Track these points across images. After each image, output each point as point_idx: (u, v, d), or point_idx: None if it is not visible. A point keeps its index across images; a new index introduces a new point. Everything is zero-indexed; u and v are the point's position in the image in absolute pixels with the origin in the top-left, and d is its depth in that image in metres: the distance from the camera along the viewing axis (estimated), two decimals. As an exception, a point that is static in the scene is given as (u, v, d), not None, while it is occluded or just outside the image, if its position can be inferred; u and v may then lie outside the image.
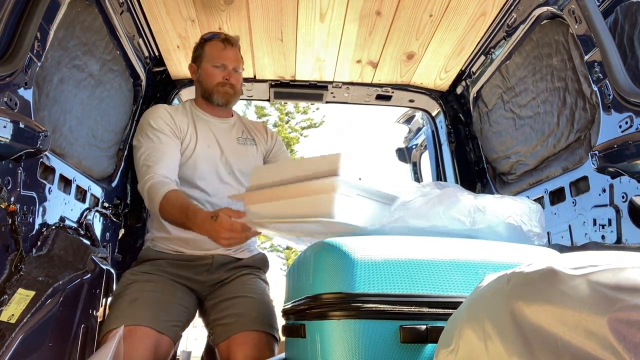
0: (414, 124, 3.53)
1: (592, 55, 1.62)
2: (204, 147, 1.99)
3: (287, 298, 1.54)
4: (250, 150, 2.11)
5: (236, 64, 2.05)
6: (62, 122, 1.81)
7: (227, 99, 2.04)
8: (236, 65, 2.05)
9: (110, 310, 1.75)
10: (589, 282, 0.60)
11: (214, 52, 2.03)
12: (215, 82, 2.02)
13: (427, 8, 2.17)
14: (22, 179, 1.50)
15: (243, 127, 2.18)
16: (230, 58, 2.03)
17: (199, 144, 1.99)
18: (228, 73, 2.02)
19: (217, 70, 2.02)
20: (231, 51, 2.04)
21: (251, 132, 2.18)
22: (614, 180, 1.56)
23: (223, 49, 2.02)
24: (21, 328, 1.42)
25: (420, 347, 1.06)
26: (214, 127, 2.08)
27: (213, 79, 2.02)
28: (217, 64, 2.02)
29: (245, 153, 2.09)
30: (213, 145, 2.03)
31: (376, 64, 2.64)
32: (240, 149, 2.09)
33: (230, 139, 2.09)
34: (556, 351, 0.60)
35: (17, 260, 1.45)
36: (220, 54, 2.03)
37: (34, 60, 1.49)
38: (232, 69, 2.03)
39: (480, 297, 0.80)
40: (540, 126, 2.08)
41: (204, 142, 2.00)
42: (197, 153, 1.97)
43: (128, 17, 2.18)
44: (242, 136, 2.13)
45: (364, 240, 1.16)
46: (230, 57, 2.03)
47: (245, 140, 2.13)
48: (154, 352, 1.60)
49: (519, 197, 1.47)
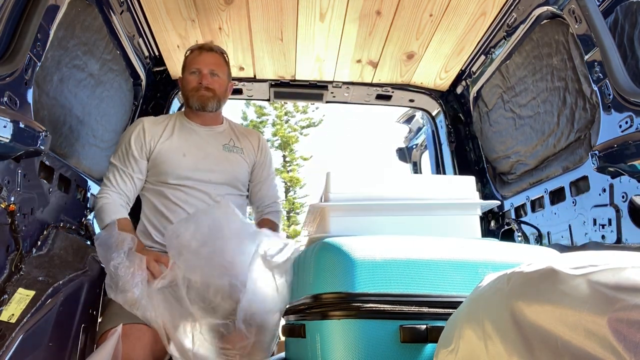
0: (414, 124, 3.53)
1: (592, 55, 1.62)
2: (178, 156, 1.97)
3: (287, 298, 1.54)
4: (234, 158, 2.07)
5: (213, 67, 2.04)
6: (62, 121, 1.81)
7: (202, 102, 2.02)
8: (213, 68, 2.04)
9: (107, 309, 1.75)
10: (589, 282, 0.60)
11: (190, 60, 2.07)
12: (190, 87, 2.04)
13: (427, 8, 2.17)
14: (22, 179, 1.49)
15: (233, 135, 2.14)
16: (204, 62, 2.04)
17: (173, 153, 1.97)
18: (202, 77, 2.02)
19: (193, 76, 2.04)
20: (207, 56, 2.05)
21: (241, 142, 2.14)
22: (614, 180, 1.56)
23: (198, 55, 2.05)
24: (21, 328, 1.42)
25: (420, 347, 1.06)
26: (198, 135, 2.06)
27: (189, 85, 2.04)
28: (192, 69, 2.04)
29: (228, 160, 2.05)
30: (191, 153, 1.99)
31: (376, 63, 2.64)
32: (225, 156, 2.05)
33: (216, 146, 2.06)
34: (556, 351, 0.60)
35: (17, 260, 1.45)
36: (194, 60, 2.05)
37: (34, 60, 1.49)
38: (207, 72, 2.02)
39: (480, 297, 0.80)
40: (541, 126, 2.08)
41: (179, 151, 1.98)
42: (170, 160, 1.96)
43: (128, 17, 2.18)
44: (229, 143, 2.10)
45: (364, 240, 1.16)
46: (204, 61, 2.04)
47: (232, 148, 2.10)
48: (152, 349, 1.59)
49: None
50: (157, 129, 2.01)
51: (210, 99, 2.03)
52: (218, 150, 2.05)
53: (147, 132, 1.98)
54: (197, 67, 2.03)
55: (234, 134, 2.15)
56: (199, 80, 2.02)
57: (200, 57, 2.04)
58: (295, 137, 22.34)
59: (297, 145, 23.33)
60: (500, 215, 2.48)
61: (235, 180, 2.04)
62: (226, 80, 2.11)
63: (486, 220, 2.58)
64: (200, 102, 2.03)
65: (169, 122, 2.07)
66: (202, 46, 2.08)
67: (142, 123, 2.01)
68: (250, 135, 2.20)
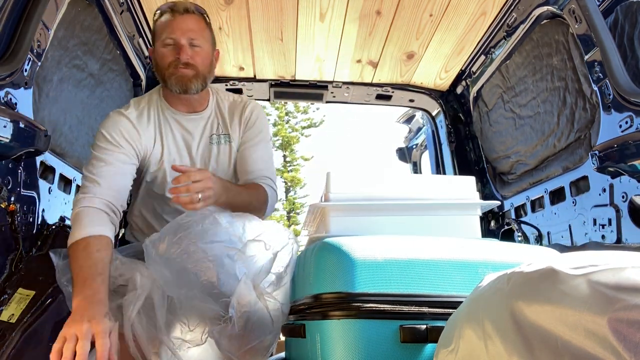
0: (414, 124, 3.53)
1: (592, 55, 1.62)
2: (170, 161, 1.69)
3: (287, 298, 1.54)
4: (222, 151, 1.75)
5: (192, 34, 1.62)
6: (62, 121, 1.81)
7: (184, 83, 1.61)
8: (192, 36, 1.62)
9: None
10: (589, 282, 0.60)
11: (162, 27, 1.64)
12: (167, 64, 1.62)
13: (427, 8, 2.17)
14: (22, 179, 1.50)
15: (220, 118, 1.77)
16: (180, 29, 1.60)
17: (165, 159, 1.69)
18: (180, 49, 1.60)
19: (167, 49, 1.62)
20: (183, 20, 1.62)
21: (228, 124, 1.77)
22: (614, 180, 1.56)
23: (172, 20, 1.62)
24: (21, 327, 1.42)
25: (420, 347, 1.06)
26: (182, 126, 1.72)
27: (164, 61, 1.63)
28: (166, 40, 1.62)
29: (216, 155, 1.74)
30: (183, 154, 1.72)
31: (376, 63, 2.64)
32: (212, 150, 1.74)
33: (202, 138, 1.74)
34: (556, 351, 0.60)
35: (17, 259, 1.45)
36: (168, 26, 1.62)
37: (34, 60, 1.49)
38: (186, 42, 1.61)
39: (480, 297, 0.80)
40: (541, 126, 2.08)
41: (169, 156, 1.70)
42: (165, 169, 1.69)
43: (128, 17, 2.18)
44: (216, 132, 1.75)
45: (364, 240, 1.16)
46: (180, 28, 1.61)
47: (219, 137, 1.75)
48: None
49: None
50: (147, 133, 1.67)
51: (192, 79, 1.62)
52: (205, 145, 1.74)
53: (140, 130, 1.65)
54: (172, 37, 1.61)
55: (220, 116, 1.78)
56: (175, 53, 1.61)
57: (175, 23, 1.61)
58: (296, 138, 22.35)
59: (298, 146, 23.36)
60: (500, 215, 2.48)
61: (225, 176, 1.72)
62: (210, 49, 1.69)
63: (486, 220, 2.58)
64: (180, 85, 1.62)
65: (152, 117, 1.70)
66: (175, 5, 1.64)
67: (127, 118, 1.64)
68: (237, 111, 1.78)
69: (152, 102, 1.73)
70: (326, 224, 1.43)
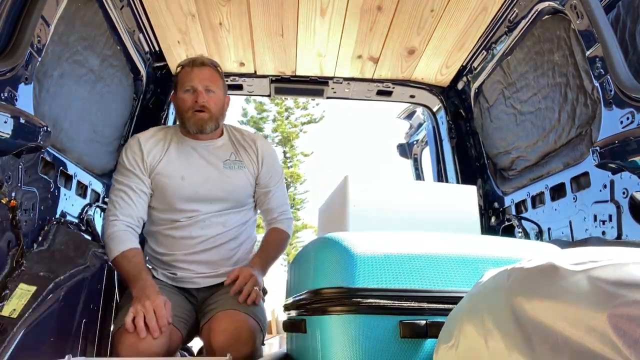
0: (415, 120, 3.53)
1: (594, 50, 1.61)
2: (176, 180, 1.91)
3: (288, 293, 1.55)
4: (237, 175, 1.99)
5: (208, 82, 1.92)
6: (63, 117, 1.81)
7: (200, 125, 1.91)
8: (208, 84, 1.92)
9: (124, 305, 1.78)
10: (590, 278, 0.60)
11: (183, 77, 1.95)
12: (186, 108, 1.92)
13: (428, 3, 2.16)
14: (23, 175, 1.50)
15: (233, 147, 2.04)
16: (198, 78, 1.92)
17: (173, 178, 1.92)
18: (197, 95, 1.90)
19: (187, 95, 1.92)
20: (200, 71, 1.93)
21: (241, 153, 2.03)
22: (614, 176, 1.56)
23: (190, 72, 1.93)
24: (23, 323, 1.42)
25: (420, 342, 1.06)
26: (198, 153, 1.98)
27: (184, 105, 1.93)
28: (186, 87, 1.92)
29: (229, 178, 1.97)
30: (190, 177, 1.94)
31: (377, 59, 2.63)
32: (226, 174, 1.97)
33: (216, 164, 1.98)
34: (556, 346, 0.60)
35: (18, 255, 1.45)
36: (188, 77, 1.93)
37: (35, 55, 1.49)
38: (202, 89, 1.91)
39: (480, 293, 0.81)
40: (541, 122, 2.08)
41: (177, 174, 1.92)
42: (171, 185, 1.92)
43: (128, 12, 2.17)
44: (229, 158, 2.01)
45: (364, 235, 1.17)
46: (198, 77, 1.92)
47: (233, 163, 2.00)
48: (168, 342, 1.65)
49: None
50: (155, 149, 1.95)
51: (207, 121, 1.92)
52: (218, 169, 1.97)
53: (145, 151, 1.92)
54: (191, 84, 1.91)
55: (233, 146, 2.05)
56: (194, 98, 1.90)
57: (193, 74, 1.92)
58: (296, 133, 22.34)
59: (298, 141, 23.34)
60: (500, 211, 2.48)
61: (238, 197, 1.99)
62: (222, 95, 2.00)
63: (487, 216, 2.58)
64: (199, 125, 1.92)
65: (165, 139, 1.99)
66: (194, 61, 1.96)
67: (139, 140, 1.94)
68: (249, 143, 2.07)
69: (167, 132, 2.03)
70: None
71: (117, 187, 1.90)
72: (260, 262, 1.92)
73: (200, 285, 1.92)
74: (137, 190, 1.90)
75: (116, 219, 1.83)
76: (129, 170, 1.90)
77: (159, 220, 1.96)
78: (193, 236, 1.91)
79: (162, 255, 1.94)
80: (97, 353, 1.91)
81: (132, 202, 1.88)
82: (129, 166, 1.91)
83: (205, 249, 1.92)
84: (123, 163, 1.92)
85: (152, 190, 1.93)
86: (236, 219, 1.99)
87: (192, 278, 1.91)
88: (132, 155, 1.92)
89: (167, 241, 1.94)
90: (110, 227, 1.83)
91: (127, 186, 1.89)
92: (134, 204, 1.88)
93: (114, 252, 1.78)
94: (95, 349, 1.91)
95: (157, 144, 1.96)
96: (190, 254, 1.91)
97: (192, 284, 1.92)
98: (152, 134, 1.99)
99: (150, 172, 1.92)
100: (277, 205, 2.08)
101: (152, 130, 2.02)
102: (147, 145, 1.94)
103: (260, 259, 1.94)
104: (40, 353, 1.51)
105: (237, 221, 1.99)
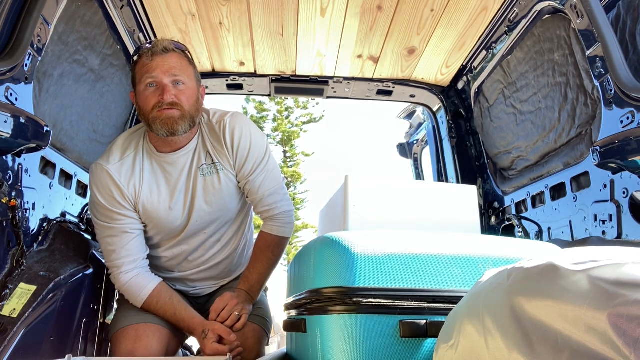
0: (415, 119, 3.52)
1: (594, 50, 1.61)
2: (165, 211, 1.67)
3: (288, 292, 1.55)
4: (214, 183, 1.68)
5: (174, 72, 1.54)
6: (63, 117, 1.81)
7: (170, 126, 1.53)
8: (175, 74, 1.54)
9: (120, 309, 1.77)
10: (590, 278, 0.60)
11: (142, 69, 1.55)
12: (150, 107, 1.53)
13: (428, 3, 2.16)
14: (23, 174, 1.50)
15: (206, 149, 1.68)
16: (161, 68, 1.52)
17: (160, 211, 1.66)
18: (163, 89, 1.52)
19: (150, 91, 1.54)
20: (163, 59, 1.54)
21: (216, 151, 1.67)
22: (615, 175, 1.56)
23: (151, 61, 1.53)
24: (23, 322, 1.42)
25: (420, 342, 1.06)
26: (175, 169, 1.66)
27: (147, 104, 1.54)
28: (147, 81, 1.53)
29: (204, 186, 1.68)
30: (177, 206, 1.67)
31: (377, 59, 2.63)
32: (199, 182, 1.67)
33: (185, 173, 1.67)
34: (556, 346, 0.60)
35: (18, 254, 1.46)
36: (148, 67, 1.53)
37: (35, 55, 1.49)
38: (169, 82, 1.52)
39: (480, 292, 0.81)
40: (542, 121, 2.08)
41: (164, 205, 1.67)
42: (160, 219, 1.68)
43: (128, 12, 2.17)
44: (205, 162, 1.67)
45: (364, 235, 1.16)
46: (161, 67, 1.52)
47: (210, 168, 1.67)
48: (167, 345, 1.65)
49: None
50: (132, 179, 1.63)
51: (178, 120, 1.53)
52: (190, 179, 1.67)
53: (121, 185, 1.61)
54: (151, 76, 1.52)
55: (206, 145, 1.68)
56: (158, 95, 1.52)
57: (155, 63, 1.53)
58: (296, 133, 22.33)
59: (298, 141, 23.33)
60: (500, 210, 2.48)
61: (225, 208, 1.73)
62: (195, 86, 1.61)
63: (487, 216, 2.58)
64: (167, 128, 1.53)
65: (136, 162, 1.64)
66: (154, 47, 1.55)
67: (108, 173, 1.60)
68: (217, 134, 1.67)
69: (137, 151, 1.66)
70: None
71: (107, 234, 1.62)
72: (247, 284, 1.72)
73: (202, 294, 1.91)
74: (132, 230, 1.63)
75: (121, 272, 1.62)
76: (111, 212, 1.61)
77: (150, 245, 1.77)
78: (189, 260, 1.79)
79: (159, 272, 1.79)
80: (97, 353, 1.91)
81: (130, 244, 1.63)
82: (110, 207, 1.60)
83: (204, 269, 1.82)
84: (100, 203, 1.60)
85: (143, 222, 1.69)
86: (232, 231, 1.81)
87: (194, 290, 1.89)
88: (107, 194, 1.60)
89: (163, 264, 1.80)
90: (119, 280, 1.63)
91: (119, 230, 1.62)
92: (132, 246, 1.63)
93: (138, 302, 1.64)
94: (95, 349, 1.91)
95: (132, 172, 1.64)
96: (189, 275, 1.83)
97: (194, 294, 1.90)
98: (119, 158, 1.63)
99: (134, 205, 1.64)
100: (263, 195, 1.71)
101: (117, 152, 1.65)
102: (121, 178, 1.61)
103: (248, 282, 1.72)
104: (40, 353, 1.51)
105: (233, 231, 1.81)
